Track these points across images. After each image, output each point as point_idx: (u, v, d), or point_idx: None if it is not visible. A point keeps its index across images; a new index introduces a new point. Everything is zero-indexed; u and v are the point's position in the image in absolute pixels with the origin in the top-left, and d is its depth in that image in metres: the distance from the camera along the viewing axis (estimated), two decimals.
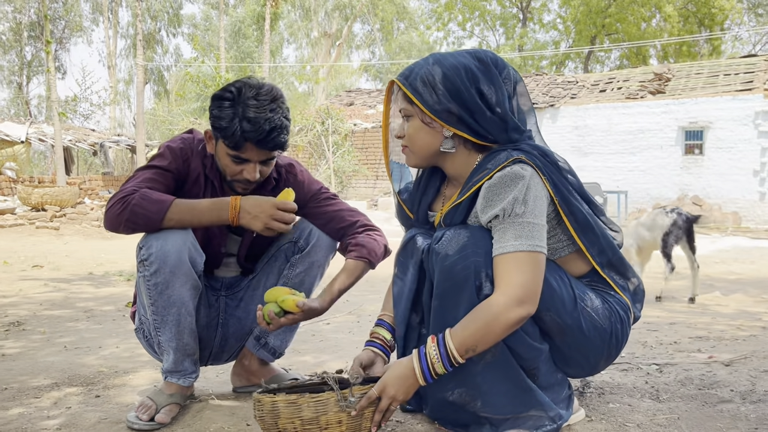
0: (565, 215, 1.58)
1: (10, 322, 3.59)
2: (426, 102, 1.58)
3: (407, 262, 1.71)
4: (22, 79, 35.12)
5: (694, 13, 30.47)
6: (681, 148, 16.86)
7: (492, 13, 36.00)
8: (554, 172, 1.58)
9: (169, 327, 1.80)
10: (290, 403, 1.49)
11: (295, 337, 2.15)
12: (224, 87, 1.81)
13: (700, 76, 18.74)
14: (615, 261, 1.67)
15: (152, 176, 1.82)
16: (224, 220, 1.76)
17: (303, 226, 2.00)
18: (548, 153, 1.62)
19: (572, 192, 1.60)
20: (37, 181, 15.74)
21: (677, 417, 1.74)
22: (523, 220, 1.49)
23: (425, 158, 1.68)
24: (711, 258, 8.26)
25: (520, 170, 1.51)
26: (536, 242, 1.49)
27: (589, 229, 1.61)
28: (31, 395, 2.12)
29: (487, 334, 1.47)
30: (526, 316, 1.49)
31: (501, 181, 1.51)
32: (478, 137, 1.60)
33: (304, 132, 19.97)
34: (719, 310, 4.29)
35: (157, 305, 1.78)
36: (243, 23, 30.04)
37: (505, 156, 1.56)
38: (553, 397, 1.63)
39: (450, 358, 1.49)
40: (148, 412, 1.79)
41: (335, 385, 1.52)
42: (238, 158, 1.79)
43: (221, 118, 1.76)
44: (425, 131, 1.63)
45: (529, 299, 1.48)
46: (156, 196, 1.74)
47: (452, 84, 1.57)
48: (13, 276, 5.81)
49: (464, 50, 1.67)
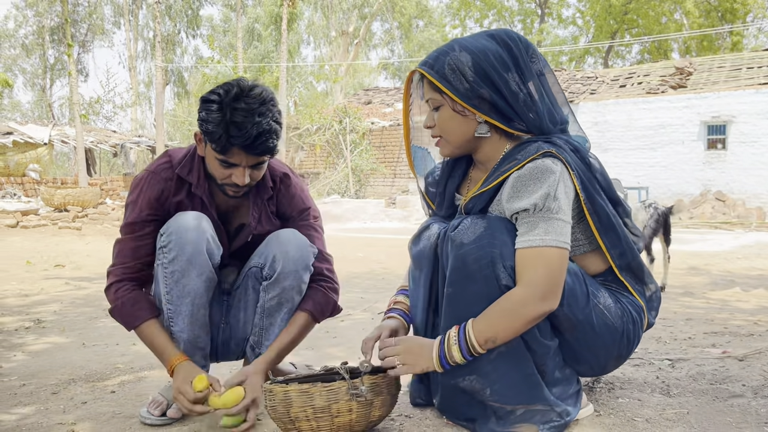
0: (589, 214, 1.57)
1: (32, 320, 3.66)
2: (457, 90, 1.56)
3: (422, 249, 1.71)
4: (45, 81, 35.70)
5: (715, 7, 30.02)
6: (703, 143, 16.64)
7: (509, 9, 35.80)
8: (583, 169, 1.57)
9: (182, 317, 1.82)
10: (303, 392, 1.53)
11: (308, 334, 2.15)
12: (212, 89, 1.75)
13: (723, 69, 18.48)
14: (634, 266, 1.66)
15: (135, 243, 1.84)
16: (166, 367, 1.81)
17: (267, 252, 1.87)
18: (579, 149, 1.60)
19: (599, 191, 1.59)
20: (59, 182, 16.02)
21: (687, 411, 1.73)
22: (553, 216, 1.48)
23: (461, 146, 1.66)
24: (733, 254, 8.14)
25: (551, 164, 1.50)
26: (563, 239, 1.49)
27: (612, 230, 1.59)
28: (49, 391, 2.17)
29: (509, 326, 1.48)
30: (548, 311, 1.49)
31: (532, 174, 1.50)
32: (510, 125, 1.58)
33: (322, 131, 20.04)
34: (739, 305, 4.23)
35: (172, 294, 1.79)
36: (261, 23, 30.21)
37: (535, 148, 1.55)
38: (561, 392, 1.63)
39: (468, 347, 1.51)
40: (159, 407, 1.82)
41: (346, 375, 1.55)
42: (225, 162, 1.74)
43: (208, 122, 1.70)
44: (458, 120, 1.61)
45: (552, 295, 1.48)
46: (129, 308, 1.82)
47: (483, 69, 1.54)
48: (35, 275, 5.91)
49: (486, 32, 1.63)
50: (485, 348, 1.51)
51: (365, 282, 5.38)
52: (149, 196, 1.84)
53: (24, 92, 46.44)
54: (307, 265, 1.88)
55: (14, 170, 17.22)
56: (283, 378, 1.67)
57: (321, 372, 1.73)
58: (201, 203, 1.88)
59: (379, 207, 15.65)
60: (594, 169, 1.60)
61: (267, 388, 1.59)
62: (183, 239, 1.75)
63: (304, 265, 1.87)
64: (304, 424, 1.54)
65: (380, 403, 1.59)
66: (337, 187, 19.37)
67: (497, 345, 1.51)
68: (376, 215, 15.25)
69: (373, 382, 1.57)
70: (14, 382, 2.31)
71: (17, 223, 11.21)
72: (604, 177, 1.63)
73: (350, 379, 1.54)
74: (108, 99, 23.03)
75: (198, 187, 1.86)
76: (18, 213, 11.71)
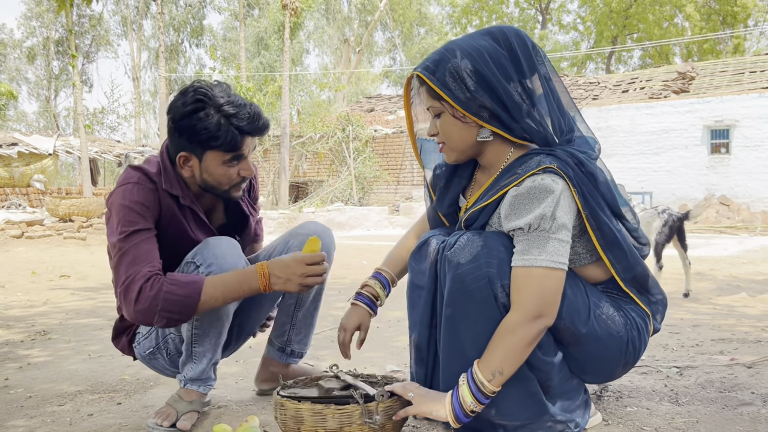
0: (592, 230, 1.53)
1: (37, 331, 3.66)
2: (458, 98, 1.52)
3: (422, 268, 1.68)
4: (50, 92, 35.89)
5: (716, 11, 30.03)
6: (707, 147, 16.61)
7: (510, 15, 35.91)
8: (586, 185, 1.52)
9: (209, 338, 1.81)
10: (316, 413, 1.52)
11: (313, 342, 2.19)
12: (181, 104, 1.72)
13: (725, 74, 18.47)
14: (639, 277, 1.63)
15: (148, 245, 1.70)
16: (255, 290, 1.70)
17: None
18: (584, 162, 1.54)
19: (603, 207, 1.55)
20: (64, 192, 16.07)
21: (696, 420, 1.71)
22: (549, 235, 1.45)
23: (464, 151, 1.62)
24: (738, 258, 8.11)
25: (550, 183, 1.46)
26: (559, 258, 1.46)
27: (617, 246, 1.56)
28: (55, 403, 2.17)
29: (510, 354, 1.45)
30: (544, 329, 1.47)
31: (529, 193, 1.47)
32: (513, 134, 1.55)
33: (325, 139, 20.07)
34: (745, 311, 4.22)
35: (204, 319, 1.78)
36: (266, 33, 30.36)
37: (536, 162, 1.50)
38: (568, 404, 1.61)
39: (477, 384, 1.47)
40: (168, 419, 1.81)
41: (360, 400, 1.54)
42: (237, 158, 1.76)
43: (209, 129, 1.70)
44: (458, 126, 1.58)
45: (545, 313, 1.46)
46: (184, 278, 1.66)
47: (483, 76, 1.50)
48: (41, 286, 5.92)
49: (490, 32, 1.58)
50: (495, 384, 1.47)
51: None
52: (145, 205, 1.75)
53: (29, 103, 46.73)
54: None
55: (19, 181, 17.28)
56: (296, 396, 1.65)
57: (336, 395, 1.71)
58: (192, 213, 1.86)
59: (382, 214, 15.64)
60: (599, 183, 1.55)
61: (279, 401, 1.58)
62: (220, 264, 1.74)
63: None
64: None
65: (392, 426, 1.58)
66: (340, 195, 19.38)
67: (505, 377, 1.47)
68: (380, 223, 15.24)
69: (387, 407, 1.55)
70: (20, 393, 2.31)
71: (22, 233, 11.23)
72: (609, 190, 1.58)
73: (364, 407, 1.53)
74: (112, 109, 23.14)
75: (185, 198, 1.83)
76: (23, 223, 11.74)
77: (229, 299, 1.71)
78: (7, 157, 17.25)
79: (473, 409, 1.49)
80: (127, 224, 1.70)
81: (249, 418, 1.74)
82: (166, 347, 1.89)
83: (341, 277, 6.33)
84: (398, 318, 3.81)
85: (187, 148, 1.76)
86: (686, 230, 5.11)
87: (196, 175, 1.81)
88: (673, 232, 4.95)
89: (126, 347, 1.97)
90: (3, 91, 22.02)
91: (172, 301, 1.62)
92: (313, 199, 19.16)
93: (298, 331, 2.10)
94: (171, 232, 1.81)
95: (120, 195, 1.75)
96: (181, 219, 1.83)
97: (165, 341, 1.89)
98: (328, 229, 2.05)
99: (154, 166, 1.83)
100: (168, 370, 1.96)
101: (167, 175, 1.81)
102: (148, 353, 1.92)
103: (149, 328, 1.88)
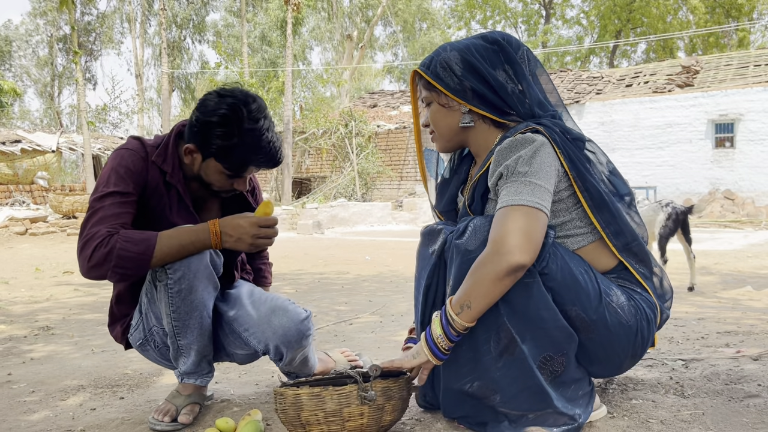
0: (580, 191, 1.56)
1: (41, 326, 3.67)
2: (448, 85, 1.63)
3: (428, 250, 1.69)
4: (54, 90, 35.96)
5: (721, 4, 29.89)
6: (711, 141, 16.55)
7: (513, 10, 35.81)
8: (572, 148, 1.58)
9: (191, 330, 1.80)
10: (314, 396, 1.52)
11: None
12: (212, 108, 1.71)
13: (730, 67, 18.39)
14: (634, 247, 1.63)
15: (118, 209, 1.69)
16: (208, 247, 1.72)
17: (261, 338, 1.86)
18: (570, 131, 1.61)
19: (589, 170, 1.59)
20: (68, 189, 16.09)
21: (702, 413, 1.70)
22: (526, 179, 1.48)
23: (450, 138, 1.71)
24: (743, 252, 8.08)
25: (531, 135, 1.54)
26: (536, 199, 1.46)
27: (605, 208, 1.58)
28: (58, 398, 2.17)
29: (476, 286, 1.45)
30: (517, 266, 1.42)
31: (510, 145, 1.54)
32: (498, 113, 1.63)
33: (327, 135, 20.06)
34: (751, 304, 4.20)
35: (180, 311, 1.77)
36: (268, 29, 30.35)
37: (522, 126, 1.59)
38: (572, 395, 1.60)
39: (448, 317, 1.50)
40: (168, 414, 1.81)
41: (359, 378, 1.54)
42: (235, 176, 1.79)
43: (222, 147, 1.71)
44: (443, 112, 1.68)
45: (519, 249, 1.42)
46: (138, 235, 1.66)
47: (469, 62, 1.62)
48: (44, 282, 5.93)
49: (479, 34, 1.71)
50: (464, 318, 1.47)
51: (373, 285, 5.36)
52: (131, 170, 1.75)
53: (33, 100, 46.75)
54: (305, 335, 1.88)
55: (23, 178, 17.33)
56: (293, 381, 1.66)
57: (332, 376, 1.72)
58: (177, 193, 1.83)
59: (386, 210, 15.63)
60: (588, 152, 1.62)
61: (278, 391, 1.58)
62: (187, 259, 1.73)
63: (303, 339, 1.88)
64: (315, 428, 1.53)
65: (391, 407, 1.58)
66: (343, 190, 19.38)
67: (473, 312, 1.47)
68: (383, 218, 15.23)
69: (384, 387, 1.56)
70: (23, 388, 2.31)
71: (26, 230, 11.27)
72: (602, 164, 1.65)
73: (361, 383, 1.53)
74: (114, 106, 23.16)
75: (173, 177, 1.81)
76: (27, 220, 11.78)
77: (182, 255, 1.71)
78: (11, 154, 17.29)
79: (441, 344, 1.52)
80: (106, 185, 1.72)
81: (252, 412, 1.74)
82: (153, 339, 1.89)
83: (344, 273, 6.33)
84: (402, 312, 3.80)
85: (197, 144, 1.76)
86: (691, 225, 5.10)
87: (194, 167, 1.81)
88: (677, 225, 4.95)
89: (119, 336, 1.96)
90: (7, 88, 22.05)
91: (126, 257, 1.63)
92: (317, 195, 19.16)
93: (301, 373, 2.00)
94: (151, 206, 1.80)
95: (110, 159, 1.78)
96: (162, 194, 1.81)
97: (151, 333, 1.88)
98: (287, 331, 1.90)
99: (156, 140, 1.85)
100: (161, 361, 1.95)
101: (164, 151, 1.81)
102: (139, 344, 1.92)
103: (139, 319, 1.88)
